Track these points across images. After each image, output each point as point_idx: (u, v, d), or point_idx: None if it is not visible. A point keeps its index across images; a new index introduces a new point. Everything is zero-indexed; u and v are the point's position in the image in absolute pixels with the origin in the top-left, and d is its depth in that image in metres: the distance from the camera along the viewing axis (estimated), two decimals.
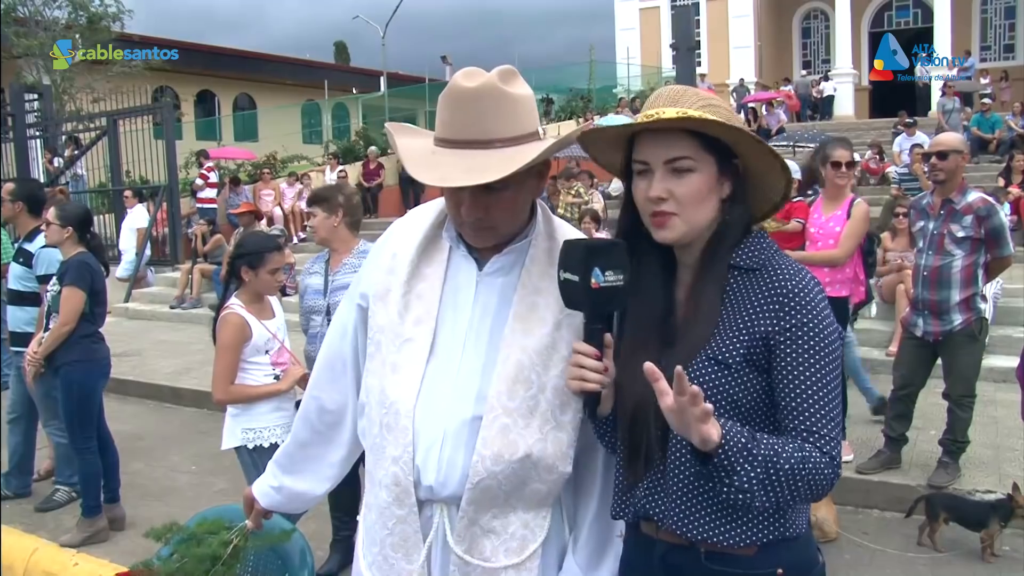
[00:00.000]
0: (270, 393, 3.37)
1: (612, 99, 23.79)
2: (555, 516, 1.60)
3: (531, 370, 1.50)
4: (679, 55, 9.62)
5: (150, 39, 21.82)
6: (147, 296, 12.18)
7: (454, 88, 1.47)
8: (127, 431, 6.06)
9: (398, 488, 1.54)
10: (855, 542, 4.09)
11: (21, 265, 4.87)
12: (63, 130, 15.32)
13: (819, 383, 1.37)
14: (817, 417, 1.36)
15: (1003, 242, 4.34)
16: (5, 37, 17.41)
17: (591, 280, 1.38)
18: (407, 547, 1.57)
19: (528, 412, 1.50)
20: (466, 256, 1.59)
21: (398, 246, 1.64)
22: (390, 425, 1.55)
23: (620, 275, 1.40)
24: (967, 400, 4.47)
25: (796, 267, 1.43)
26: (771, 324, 1.38)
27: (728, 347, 1.40)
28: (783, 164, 1.45)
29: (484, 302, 1.56)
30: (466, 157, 1.44)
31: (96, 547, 4.13)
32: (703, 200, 1.42)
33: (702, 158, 1.40)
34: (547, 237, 1.59)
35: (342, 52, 44.21)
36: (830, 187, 4.79)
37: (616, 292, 1.41)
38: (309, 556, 2.12)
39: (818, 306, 1.39)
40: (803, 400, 1.37)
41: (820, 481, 1.34)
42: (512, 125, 1.47)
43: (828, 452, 1.36)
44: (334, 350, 1.76)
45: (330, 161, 17.08)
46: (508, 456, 1.48)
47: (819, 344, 1.38)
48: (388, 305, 1.59)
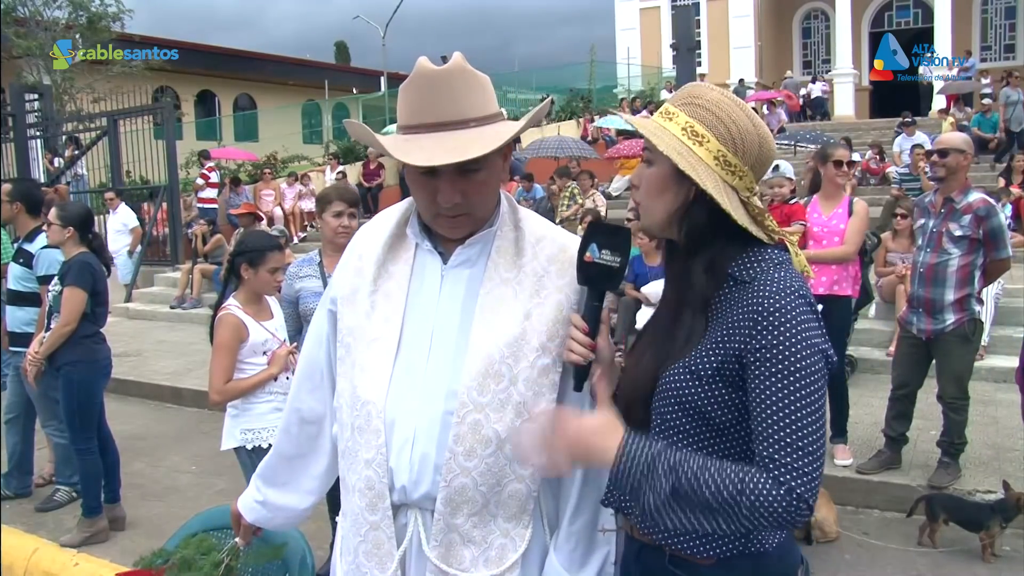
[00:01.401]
0: (262, 381, 3.35)
1: (612, 99, 23.84)
2: (536, 527, 1.57)
3: (501, 363, 1.48)
4: (679, 55, 9.62)
5: (150, 39, 21.83)
6: (147, 296, 12.18)
7: (423, 71, 1.46)
8: (127, 431, 6.07)
9: (371, 492, 1.52)
10: (855, 542, 4.09)
11: (21, 265, 4.85)
12: (63, 130, 15.32)
13: (784, 410, 1.30)
14: (779, 446, 1.29)
15: (1001, 244, 4.34)
16: (5, 37, 17.41)
17: (586, 252, 1.46)
18: (380, 555, 1.53)
19: (500, 406, 1.47)
20: (431, 251, 1.58)
21: (364, 248, 1.64)
22: (362, 427, 1.53)
23: (616, 257, 1.46)
24: (960, 402, 4.47)
25: (782, 285, 1.36)
26: (744, 342, 1.35)
27: (703, 359, 1.39)
28: (681, 167, 1.40)
29: (450, 296, 1.55)
30: (444, 138, 1.44)
31: (96, 547, 4.13)
32: (660, 193, 1.45)
33: (657, 154, 1.43)
34: (513, 227, 1.58)
35: (342, 52, 44.24)
36: (829, 186, 4.81)
37: (610, 272, 1.46)
38: (309, 557, 2.12)
39: (794, 328, 1.32)
40: (767, 426, 1.31)
41: (764, 511, 1.26)
42: (483, 104, 1.49)
43: (786, 483, 1.27)
44: (311, 359, 1.73)
45: (330, 161, 17.11)
46: (481, 451, 1.47)
47: (789, 368, 1.31)
48: (356, 306, 1.59)
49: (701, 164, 1.40)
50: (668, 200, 1.45)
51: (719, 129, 1.41)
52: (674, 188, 1.44)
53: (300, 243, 13.57)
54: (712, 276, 1.42)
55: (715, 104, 1.42)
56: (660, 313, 1.55)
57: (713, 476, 1.29)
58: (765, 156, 1.46)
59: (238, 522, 1.85)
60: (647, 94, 23.31)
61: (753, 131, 1.43)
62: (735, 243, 1.43)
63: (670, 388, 1.41)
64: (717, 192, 1.38)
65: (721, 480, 1.29)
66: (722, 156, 1.41)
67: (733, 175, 1.42)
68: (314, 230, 14.86)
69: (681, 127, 1.43)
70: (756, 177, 1.47)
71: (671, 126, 1.44)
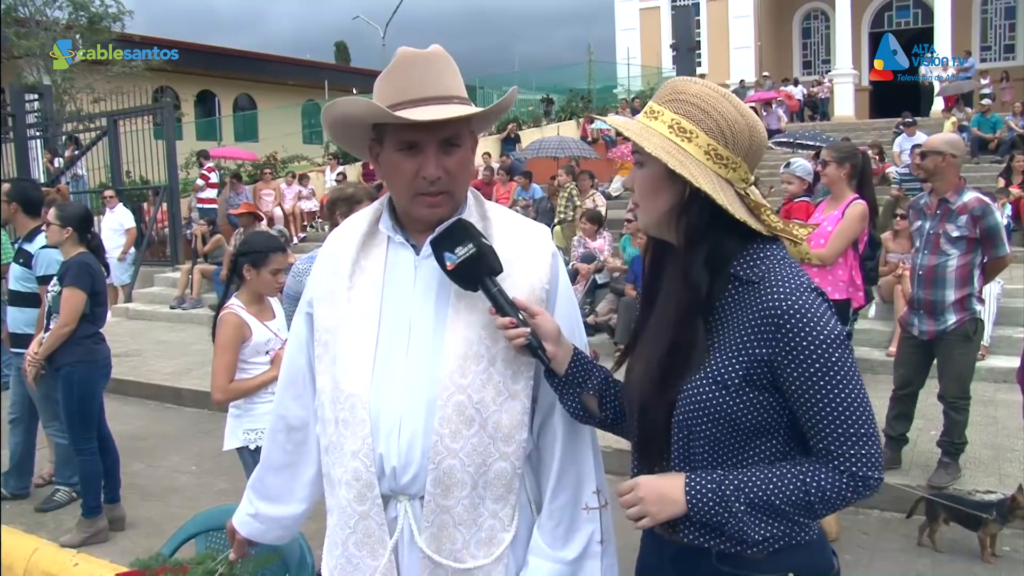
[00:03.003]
0: (265, 382, 3.36)
1: (612, 99, 23.82)
2: (523, 509, 1.60)
3: (480, 344, 1.53)
4: (679, 55, 9.63)
5: (150, 39, 21.79)
6: (147, 296, 12.18)
7: (408, 55, 1.53)
8: (127, 431, 6.07)
9: (359, 483, 1.54)
10: (856, 542, 4.09)
11: (21, 266, 4.85)
12: (63, 130, 15.32)
13: (829, 405, 1.34)
14: (831, 438, 1.36)
15: (998, 242, 4.33)
16: (5, 37, 17.39)
17: (447, 264, 1.50)
18: (371, 543, 1.55)
19: (481, 386, 1.52)
20: (403, 244, 1.61)
21: (337, 248, 1.67)
22: (347, 420, 1.55)
23: (468, 245, 1.50)
24: (961, 402, 4.47)
25: (795, 283, 1.37)
26: (770, 348, 1.35)
27: (726, 367, 1.38)
28: (671, 165, 1.39)
29: (424, 285, 1.58)
30: (435, 109, 1.49)
31: (96, 547, 4.13)
32: (654, 194, 1.45)
33: (647, 156, 1.42)
34: (480, 217, 1.63)
35: (342, 52, 44.22)
36: (833, 187, 4.79)
37: (476, 258, 1.50)
38: (309, 556, 2.12)
39: (818, 324, 1.34)
40: (816, 423, 1.36)
41: (836, 500, 1.37)
42: (460, 86, 1.56)
43: (847, 470, 1.36)
44: (294, 365, 1.74)
45: (330, 161, 17.09)
46: (465, 431, 1.51)
47: (825, 365, 1.33)
48: (333, 304, 1.62)
49: (692, 160, 1.39)
50: (663, 200, 1.44)
51: (706, 123, 1.39)
52: (668, 187, 1.43)
53: (300, 243, 13.56)
54: (714, 275, 1.40)
55: (699, 97, 1.40)
56: (660, 315, 1.51)
57: (776, 484, 1.36)
58: (757, 144, 1.44)
59: (233, 536, 1.85)
60: (647, 94, 23.30)
61: (741, 120, 1.40)
62: (734, 238, 1.42)
63: (694, 400, 1.40)
64: (711, 187, 1.37)
65: (784, 486, 1.36)
66: (712, 149, 1.40)
67: (726, 168, 1.41)
68: (314, 230, 14.86)
69: (668, 125, 1.41)
70: (751, 167, 1.45)
71: (657, 125, 1.43)
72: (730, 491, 1.37)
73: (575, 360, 1.57)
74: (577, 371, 1.57)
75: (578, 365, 1.57)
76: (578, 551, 1.59)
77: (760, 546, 1.40)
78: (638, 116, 1.49)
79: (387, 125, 1.52)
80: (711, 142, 1.39)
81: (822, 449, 1.37)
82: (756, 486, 1.36)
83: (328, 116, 1.60)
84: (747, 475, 1.38)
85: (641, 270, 7.85)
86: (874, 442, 1.37)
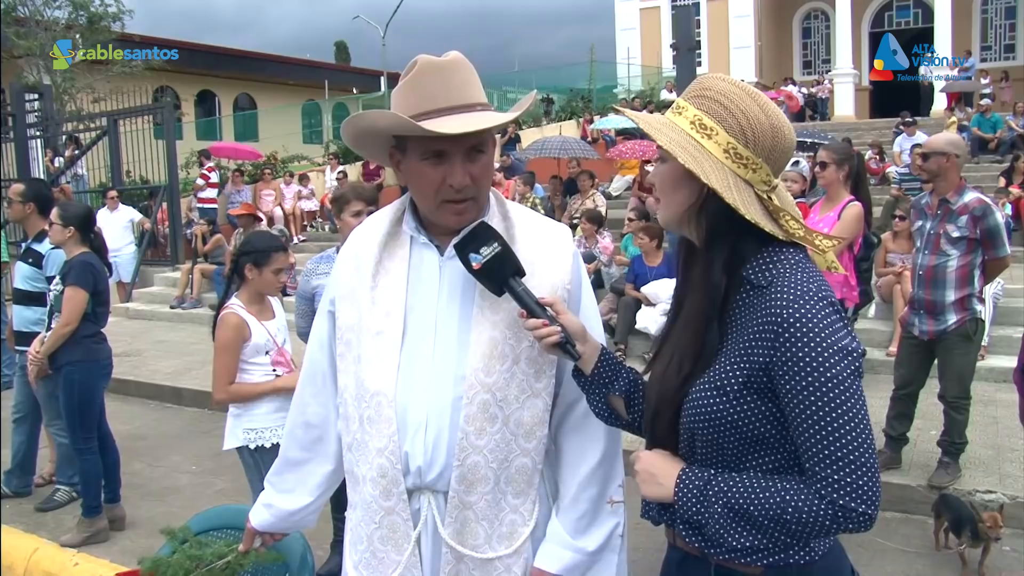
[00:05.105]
0: (270, 391, 3.36)
1: (612, 99, 23.80)
2: (543, 504, 1.63)
3: (504, 343, 1.55)
4: (679, 55, 9.61)
5: (150, 39, 21.80)
6: (147, 296, 12.19)
7: (431, 63, 1.54)
8: (128, 431, 6.08)
9: (384, 480, 1.56)
10: (856, 542, 4.09)
11: (30, 265, 4.87)
12: (63, 130, 15.32)
13: (820, 423, 1.26)
14: (819, 458, 1.27)
15: (999, 243, 4.33)
16: (5, 37, 17.39)
17: (473, 264, 1.51)
18: (396, 538, 1.58)
19: (505, 384, 1.55)
20: (427, 244, 1.62)
21: (360, 247, 1.67)
22: (372, 418, 1.57)
23: (493, 244, 1.51)
24: (962, 402, 4.47)
25: (801, 290, 1.31)
26: (768, 354, 1.30)
27: (727, 372, 1.35)
28: (687, 164, 1.36)
29: (449, 286, 1.60)
30: (462, 118, 1.50)
31: (96, 547, 4.13)
32: (674, 189, 1.44)
33: (667, 151, 1.42)
34: (502, 218, 1.64)
35: (342, 52, 44.20)
36: (828, 188, 4.80)
37: (500, 258, 1.51)
38: (309, 556, 2.12)
39: (818, 336, 1.27)
40: (805, 440, 1.29)
41: (812, 526, 1.27)
42: (481, 93, 1.59)
43: (827, 496, 1.26)
44: (315, 363, 1.76)
45: (330, 161, 17.09)
46: (489, 428, 1.54)
47: (820, 379, 1.26)
48: (356, 303, 1.63)
49: (708, 158, 1.36)
50: (683, 196, 1.42)
51: (728, 120, 1.36)
52: (686, 184, 1.40)
53: (300, 243, 13.56)
54: (730, 277, 1.38)
55: (723, 95, 1.38)
56: (684, 317, 1.48)
57: (758, 495, 1.31)
58: (782, 146, 1.39)
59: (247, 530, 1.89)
60: (647, 94, 23.30)
61: (765, 120, 1.36)
62: (749, 241, 1.38)
63: (697, 404, 1.38)
64: (722, 185, 1.34)
65: (766, 498, 1.30)
66: (732, 148, 1.36)
67: (746, 168, 1.37)
68: (314, 230, 14.86)
69: (690, 121, 1.39)
70: (774, 169, 1.40)
71: (680, 121, 1.41)
72: (713, 492, 1.34)
73: (602, 359, 1.56)
74: (604, 370, 1.56)
75: (605, 364, 1.56)
76: (599, 542, 1.63)
77: (743, 556, 1.36)
78: (668, 111, 1.48)
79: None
80: (731, 140, 1.36)
81: (808, 469, 1.29)
82: (738, 492, 1.32)
83: (353, 127, 1.59)
84: (736, 480, 1.34)
85: (641, 270, 7.86)
86: (865, 472, 1.25)
